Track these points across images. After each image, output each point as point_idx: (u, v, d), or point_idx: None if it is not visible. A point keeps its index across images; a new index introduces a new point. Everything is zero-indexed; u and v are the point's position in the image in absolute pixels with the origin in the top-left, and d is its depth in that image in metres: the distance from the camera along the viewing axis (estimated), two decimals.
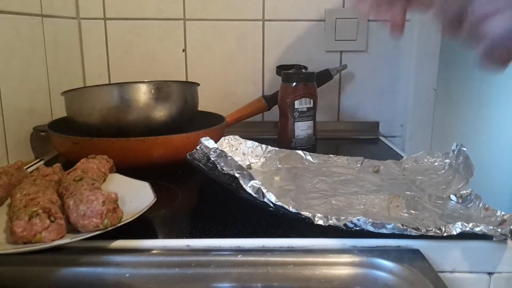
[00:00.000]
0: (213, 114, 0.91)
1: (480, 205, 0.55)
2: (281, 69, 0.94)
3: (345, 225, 0.50)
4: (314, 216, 0.52)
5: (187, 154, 0.60)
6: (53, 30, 0.90)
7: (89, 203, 0.47)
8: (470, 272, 0.49)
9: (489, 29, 0.33)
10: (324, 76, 1.01)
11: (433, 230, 0.48)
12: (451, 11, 0.35)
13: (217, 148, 0.55)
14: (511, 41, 0.33)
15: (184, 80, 1.05)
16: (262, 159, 0.78)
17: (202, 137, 0.56)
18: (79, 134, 0.74)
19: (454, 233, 0.48)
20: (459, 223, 0.48)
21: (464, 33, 0.36)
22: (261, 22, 1.04)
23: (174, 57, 1.05)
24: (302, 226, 0.52)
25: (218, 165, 0.54)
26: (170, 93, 0.79)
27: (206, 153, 0.55)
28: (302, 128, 0.90)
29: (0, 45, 0.72)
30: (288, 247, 0.49)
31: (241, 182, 0.53)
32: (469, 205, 0.57)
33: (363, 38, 1.04)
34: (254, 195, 0.53)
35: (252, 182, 0.53)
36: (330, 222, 0.51)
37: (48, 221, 0.46)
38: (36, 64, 0.84)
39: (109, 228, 0.47)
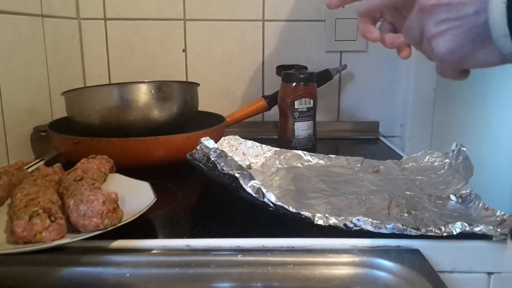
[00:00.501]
0: (213, 114, 0.91)
1: (480, 205, 0.55)
2: (281, 69, 0.94)
3: (345, 225, 0.50)
4: (314, 216, 0.52)
5: (187, 154, 0.60)
6: (53, 30, 0.90)
7: (89, 203, 0.47)
8: (469, 272, 0.49)
9: (434, 48, 0.37)
10: (324, 76, 1.01)
11: (433, 230, 0.48)
12: (413, 33, 0.40)
13: (217, 148, 0.55)
14: (451, 60, 0.37)
15: (184, 80, 1.05)
16: (262, 159, 0.78)
17: (202, 137, 0.56)
18: (79, 134, 0.74)
19: (454, 233, 0.48)
20: (459, 223, 0.48)
21: (423, 49, 0.41)
22: (261, 22, 1.04)
23: (174, 57, 1.05)
24: (302, 226, 0.52)
25: (218, 165, 0.54)
26: (170, 93, 0.79)
27: (206, 153, 0.55)
28: (302, 128, 0.90)
29: (1, 45, 0.72)
30: (288, 247, 0.49)
31: (241, 182, 0.53)
32: (469, 205, 0.57)
33: (363, 38, 1.04)
34: (254, 195, 0.53)
35: (252, 182, 0.53)
36: (330, 222, 0.51)
37: (48, 221, 0.46)
38: (36, 64, 0.84)
39: (109, 228, 0.47)
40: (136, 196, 0.56)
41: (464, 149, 0.64)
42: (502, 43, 0.34)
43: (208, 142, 0.55)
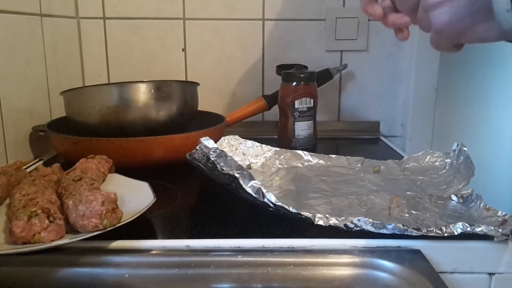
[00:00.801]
0: (213, 114, 0.90)
1: (481, 205, 0.54)
2: (281, 69, 0.94)
3: (345, 225, 0.50)
4: (315, 216, 0.52)
5: (187, 154, 0.59)
6: (52, 30, 0.90)
7: (88, 203, 0.46)
8: (471, 273, 0.49)
9: (432, 18, 0.36)
10: (325, 75, 1.01)
11: (434, 230, 0.48)
12: (408, 1, 0.39)
13: (217, 148, 0.54)
14: (449, 32, 0.36)
15: (184, 79, 1.05)
16: (262, 159, 0.78)
17: (202, 137, 0.55)
18: (78, 134, 0.74)
19: (455, 233, 0.48)
20: (460, 223, 0.48)
21: (417, 19, 0.39)
22: (261, 21, 1.04)
23: (174, 57, 1.05)
24: (302, 226, 0.52)
25: (218, 165, 0.54)
26: (170, 92, 0.78)
27: (206, 153, 0.55)
28: (302, 128, 0.90)
29: None
30: (288, 247, 0.49)
31: (241, 182, 0.53)
32: (470, 205, 0.57)
33: (364, 37, 1.04)
34: (254, 195, 0.52)
35: (252, 182, 0.53)
36: (331, 222, 0.51)
37: (47, 221, 0.46)
38: (35, 64, 0.84)
39: (109, 229, 0.47)
40: (136, 196, 0.56)
41: (465, 149, 0.63)
42: (503, 18, 0.33)
43: (208, 142, 0.55)
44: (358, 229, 0.49)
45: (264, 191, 0.52)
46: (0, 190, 0.57)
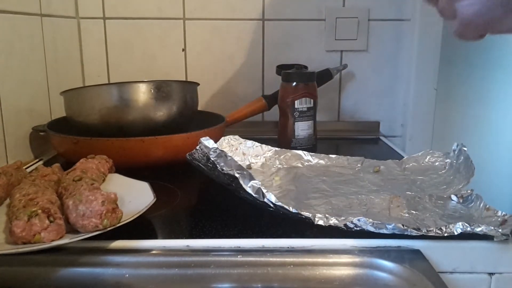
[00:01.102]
0: (213, 114, 0.90)
1: (481, 205, 0.54)
2: (281, 69, 0.94)
3: (345, 225, 0.50)
4: (314, 216, 0.52)
5: (187, 154, 0.59)
6: (52, 30, 0.90)
7: (88, 203, 0.47)
8: (471, 273, 0.49)
9: (459, 9, 0.35)
10: (325, 75, 1.01)
11: (434, 230, 0.48)
12: None
13: (217, 148, 0.54)
14: (477, 24, 0.35)
15: (184, 79, 1.05)
16: (262, 159, 0.78)
17: (202, 137, 0.55)
18: (78, 134, 0.74)
19: (455, 233, 0.48)
20: (460, 223, 0.48)
21: (439, 8, 0.38)
22: (261, 21, 1.04)
23: (174, 57, 1.05)
24: (302, 226, 0.52)
25: (218, 165, 0.54)
26: (170, 92, 0.78)
27: (206, 153, 0.55)
28: (302, 128, 0.90)
29: None
30: (288, 247, 0.49)
31: (241, 182, 0.53)
32: (470, 205, 0.57)
33: (364, 37, 1.04)
34: (254, 195, 0.52)
35: (252, 182, 0.53)
36: (331, 222, 0.51)
37: (47, 221, 0.46)
38: (35, 64, 0.84)
39: (109, 229, 0.47)
40: (136, 196, 0.56)
41: (465, 149, 0.63)
42: None
43: (208, 142, 0.55)
44: (358, 229, 0.49)
45: (264, 191, 0.52)
46: (0, 190, 0.57)
